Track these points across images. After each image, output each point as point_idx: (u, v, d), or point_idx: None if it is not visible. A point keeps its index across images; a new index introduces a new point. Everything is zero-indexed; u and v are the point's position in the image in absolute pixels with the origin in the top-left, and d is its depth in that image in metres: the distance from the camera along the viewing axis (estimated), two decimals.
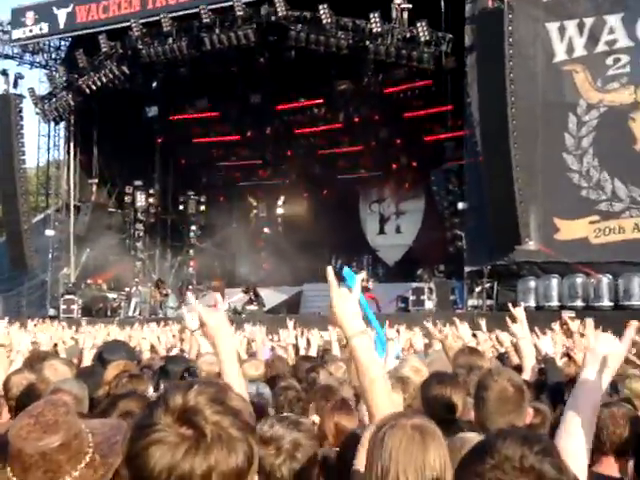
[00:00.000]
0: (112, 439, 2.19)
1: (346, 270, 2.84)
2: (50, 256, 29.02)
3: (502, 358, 7.14)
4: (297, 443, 2.74)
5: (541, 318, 16.58)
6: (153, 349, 9.06)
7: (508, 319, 6.03)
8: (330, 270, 2.74)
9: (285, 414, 3.23)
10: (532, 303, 20.51)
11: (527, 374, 5.19)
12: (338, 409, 3.82)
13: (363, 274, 24.83)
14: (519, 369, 5.63)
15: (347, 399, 4.13)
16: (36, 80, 30.20)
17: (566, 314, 17.00)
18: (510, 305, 6.09)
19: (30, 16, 28.01)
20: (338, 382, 5.15)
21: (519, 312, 5.66)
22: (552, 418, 4.09)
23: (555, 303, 20.24)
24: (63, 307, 26.98)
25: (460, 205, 22.86)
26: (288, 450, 2.71)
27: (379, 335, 5.48)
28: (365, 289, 24.42)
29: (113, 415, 3.37)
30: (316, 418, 4.01)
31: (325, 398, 4.22)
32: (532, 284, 20.75)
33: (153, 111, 30.21)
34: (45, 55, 29.83)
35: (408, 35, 22.54)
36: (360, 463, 2.49)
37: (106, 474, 2.14)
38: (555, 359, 5.87)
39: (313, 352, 8.87)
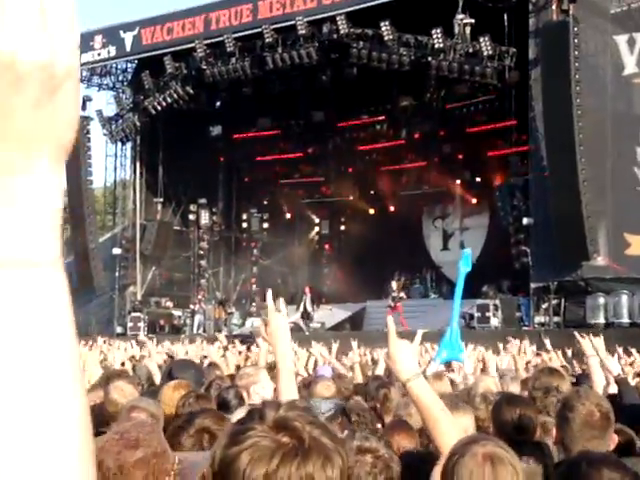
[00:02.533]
0: (200, 467, 2.18)
1: (466, 253, 3.10)
2: (117, 274, 29.51)
3: (579, 379, 6.95)
4: (391, 457, 2.86)
5: (611, 335, 16.24)
6: (218, 368, 9.08)
7: (577, 336, 5.89)
8: (390, 319, 3.01)
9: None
10: (601, 320, 20.10)
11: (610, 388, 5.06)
12: (398, 429, 3.78)
13: (394, 283, 24.74)
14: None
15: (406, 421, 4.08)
16: (103, 102, 30.89)
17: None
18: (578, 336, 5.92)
19: (98, 40, 28.67)
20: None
21: (587, 343, 5.57)
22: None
23: (626, 320, 19.77)
24: (130, 325, 27.40)
25: (525, 221, 22.55)
26: (385, 460, 2.80)
27: (451, 338, 5.40)
28: (394, 300, 24.30)
29: (190, 431, 3.37)
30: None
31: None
32: (601, 300, 20.31)
33: (217, 130, 30.59)
34: (112, 77, 30.49)
35: (471, 50, 22.41)
36: None
37: None
38: (627, 379, 5.71)
39: (380, 370, 8.77)
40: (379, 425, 4.70)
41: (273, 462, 1.48)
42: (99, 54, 28.69)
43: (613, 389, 5.12)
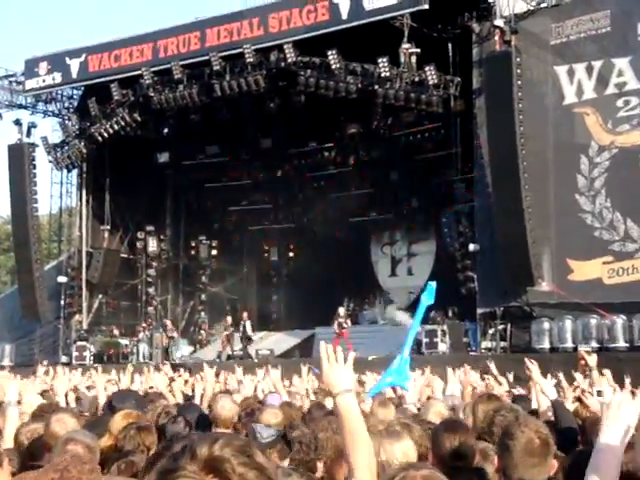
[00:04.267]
0: None
1: (431, 286, 3.19)
2: (62, 302, 29.04)
3: (516, 400, 7.03)
4: None
5: (555, 360, 16.47)
6: (164, 397, 8.98)
7: (527, 362, 5.97)
8: (323, 344, 3.06)
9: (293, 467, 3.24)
10: (546, 345, 20.38)
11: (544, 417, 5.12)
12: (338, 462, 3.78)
13: (341, 310, 24.82)
14: (534, 413, 5.55)
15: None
16: (49, 129, 30.54)
17: (583, 348, 16.86)
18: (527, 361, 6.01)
19: (43, 66, 28.38)
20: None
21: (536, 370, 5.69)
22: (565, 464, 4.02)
23: (570, 345, 20.06)
24: (75, 354, 26.96)
25: (471, 247, 22.80)
26: None
27: (401, 363, 5.42)
28: (340, 326, 24.37)
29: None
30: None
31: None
32: (546, 325, 20.60)
33: (164, 157, 30.43)
34: (58, 104, 30.18)
35: (417, 79, 22.71)
36: None
37: None
38: (564, 403, 5.81)
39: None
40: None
41: None
42: (44, 80, 28.37)
43: (548, 413, 5.20)
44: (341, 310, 25.17)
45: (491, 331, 21.61)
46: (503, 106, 20.45)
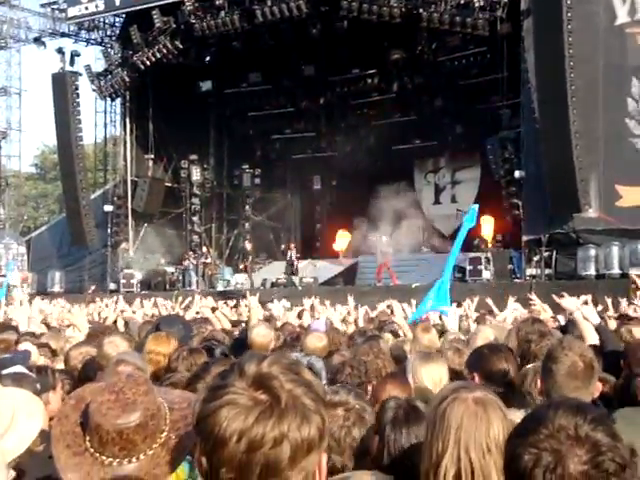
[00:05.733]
0: (190, 417, 2.19)
1: (472, 209, 3.06)
2: (109, 231, 29.47)
3: (567, 326, 7.01)
4: (363, 407, 2.81)
5: (601, 286, 16.37)
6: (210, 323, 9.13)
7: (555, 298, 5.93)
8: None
9: (342, 385, 3.27)
10: (592, 271, 20.22)
11: (592, 340, 5.12)
12: (390, 380, 3.80)
13: (384, 238, 24.80)
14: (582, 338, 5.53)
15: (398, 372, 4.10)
16: (92, 57, 30.56)
17: (634, 271, 16.73)
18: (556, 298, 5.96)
19: None
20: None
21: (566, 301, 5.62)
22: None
23: (616, 271, 19.87)
24: (123, 281, 27.45)
25: (517, 173, 22.53)
26: (358, 412, 2.76)
27: (441, 288, 5.44)
28: (383, 255, 24.36)
29: (207, 378, 3.41)
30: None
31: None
32: (592, 252, 20.40)
33: (207, 85, 30.30)
34: (100, 32, 30.09)
35: (462, 1, 22.17)
36: None
37: (180, 454, 2.14)
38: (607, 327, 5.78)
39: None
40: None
41: (248, 420, 1.48)
42: (86, 8, 28.22)
43: (595, 339, 5.18)
44: (384, 238, 25.17)
45: (536, 258, 21.46)
46: (551, 27, 19.85)
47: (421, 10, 22.49)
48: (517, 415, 2.30)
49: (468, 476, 2.11)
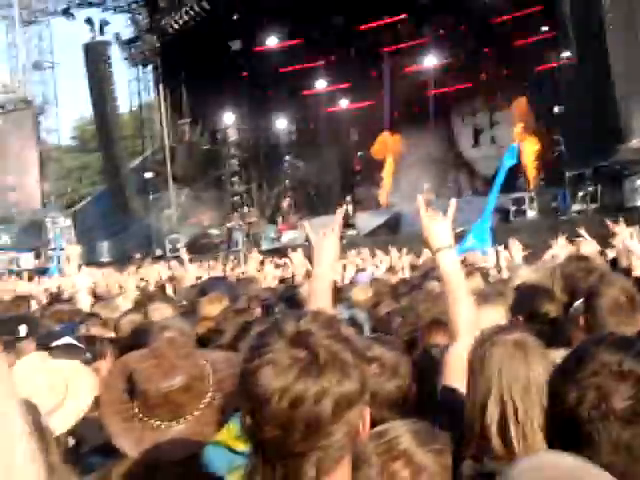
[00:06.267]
0: (234, 378, 2.23)
1: (512, 147, 3.08)
2: (151, 197, 29.71)
3: (613, 263, 6.93)
4: (397, 360, 2.79)
5: None
6: (256, 282, 9.20)
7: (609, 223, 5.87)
8: (420, 198, 3.00)
9: (376, 335, 3.26)
10: None
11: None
12: (434, 328, 3.79)
13: (426, 185, 24.49)
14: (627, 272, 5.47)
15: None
16: (121, 25, 30.54)
17: None
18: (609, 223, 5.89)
19: None
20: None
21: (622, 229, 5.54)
22: None
23: None
24: (169, 246, 27.72)
25: (556, 109, 22.13)
26: (392, 367, 2.75)
27: (482, 227, 5.39)
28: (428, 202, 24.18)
29: (247, 338, 3.46)
30: None
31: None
32: (639, 183, 20.01)
33: (236, 45, 30.13)
34: None
35: None
36: (446, 379, 2.59)
37: (227, 413, 2.18)
38: None
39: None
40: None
41: (289, 377, 1.51)
42: None
43: None
44: (425, 185, 25.00)
45: (581, 193, 21.13)
46: None
47: None
48: (558, 354, 2.29)
49: (512, 417, 2.11)
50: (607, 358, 1.68)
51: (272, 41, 30.30)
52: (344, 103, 31.94)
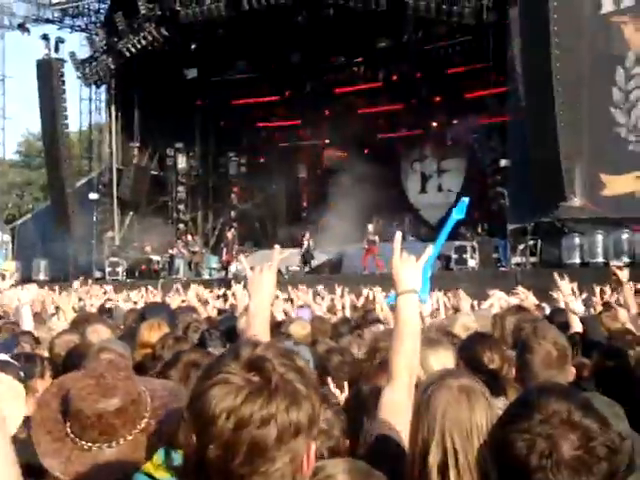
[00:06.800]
0: (170, 405, 2.20)
1: (462, 201, 3.07)
2: (95, 219, 29.33)
3: (551, 316, 7.05)
4: (332, 422, 2.77)
5: (586, 275, 16.43)
6: (196, 310, 9.12)
7: (556, 276, 5.99)
8: (398, 235, 2.90)
9: None
10: (577, 260, 20.32)
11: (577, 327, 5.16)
12: (381, 371, 3.79)
13: (370, 226, 24.75)
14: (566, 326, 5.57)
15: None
16: (77, 44, 30.32)
17: (614, 263, 16.81)
18: (556, 276, 6.03)
19: None
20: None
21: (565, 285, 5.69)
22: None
23: (600, 259, 19.99)
24: (108, 269, 27.36)
25: (502, 162, 22.60)
26: (327, 430, 2.71)
27: (423, 275, 5.42)
28: (369, 243, 24.42)
29: (178, 365, 3.44)
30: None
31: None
32: (577, 241, 20.50)
33: (192, 73, 30.13)
34: (85, 18, 29.88)
35: None
36: (380, 425, 2.56)
37: (159, 440, 2.15)
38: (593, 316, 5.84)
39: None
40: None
41: (238, 398, 1.52)
42: None
43: (578, 327, 5.22)
44: (370, 227, 25.18)
45: (521, 247, 21.54)
46: (537, 16, 19.86)
47: None
48: (496, 403, 2.31)
49: (452, 462, 2.12)
50: (556, 407, 1.71)
51: (229, 73, 30.39)
52: (296, 139, 32.13)
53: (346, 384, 3.90)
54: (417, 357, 2.74)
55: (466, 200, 4.66)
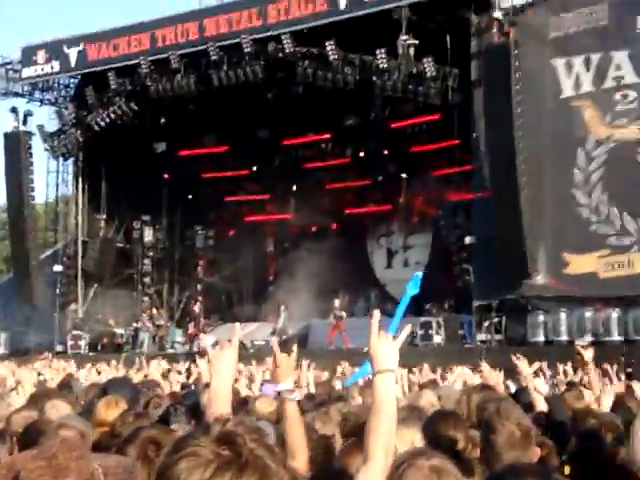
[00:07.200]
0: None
1: (416, 276, 3.09)
2: (58, 291, 29.01)
3: (516, 396, 7.05)
4: None
5: (550, 353, 16.50)
6: (159, 385, 8.98)
7: (513, 358, 6.03)
8: (376, 314, 2.92)
9: None
10: (541, 338, 20.41)
11: (542, 407, 5.16)
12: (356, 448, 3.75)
13: (336, 301, 24.76)
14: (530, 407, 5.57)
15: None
16: (45, 117, 30.45)
17: (579, 342, 16.90)
18: (514, 358, 6.09)
19: (41, 55, 28.32)
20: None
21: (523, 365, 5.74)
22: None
23: (564, 338, 20.09)
24: (70, 343, 26.96)
25: (467, 239, 22.82)
26: None
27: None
28: (336, 317, 24.39)
29: (136, 442, 3.37)
30: None
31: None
32: (541, 318, 20.62)
33: (161, 147, 30.36)
34: (55, 92, 30.08)
35: (415, 70, 22.67)
36: None
37: None
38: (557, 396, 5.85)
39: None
40: None
41: (207, 472, 1.50)
42: (42, 69, 28.33)
43: (543, 407, 5.22)
44: (336, 302, 25.18)
45: (486, 324, 21.62)
46: (501, 98, 20.41)
47: (375, 78, 22.95)
48: None
49: None
50: None
51: (197, 147, 30.64)
52: (263, 213, 32.28)
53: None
54: (393, 437, 2.69)
55: (420, 274, 4.71)
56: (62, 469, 2.05)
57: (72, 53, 27.80)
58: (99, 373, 10.40)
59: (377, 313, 2.92)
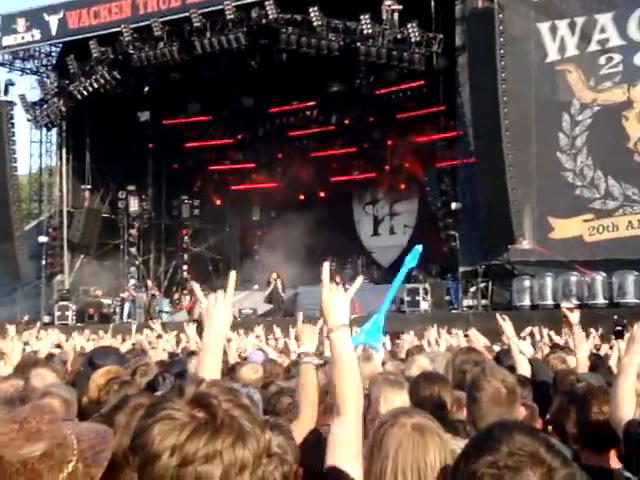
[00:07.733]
0: (97, 447, 2.14)
1: (415, 250, 3.11)
2: (44, 262, 28.91)
3: (499, 358, 7.10)
4: (284, 446, 2.72)
5: (536, 317, 16.64)
6: (146, 354, 9.00)
7: (498, 318, 6.06)
8: (325, 266, 2.83)
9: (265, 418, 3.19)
10: (527, 302, 20.55)
11: (524, 370, 5.21)
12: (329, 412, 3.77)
13: (326, 265, 24.99)
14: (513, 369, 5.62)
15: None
16: (27, 86, 30.17)
17: (565, 305, 17.01)
18: (499, 318, 6.11)
19: (21, 23, 27.93)
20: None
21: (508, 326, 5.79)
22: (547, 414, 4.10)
23: (550, 302, 20.24)
24: (57, 314, 26.92)
25: (453, 205, 22.86)
26: (279, 455, 2.67)
27: (375, 323, 5.45)
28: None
29: (126, 409, 3.37)
30: None
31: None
32: (527, 283, 20.76)
33: (145, 116, 30.12)
34: (36, 61, 29.73)
35: (399, 36, 22.53)
36: (330, 461, 2.47)
37: None
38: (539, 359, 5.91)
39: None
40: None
41: (182, 435, 1.50)
42: (22, 37, 27.96)
43: (527, 370, 5.27)
44: (326, 265, 25.16)
45: (472, 289, 21.74)
46: (485, 63, 20.35)
47: (359, 44, 22.78)
48: (456, 443, 2.31)
49: None
50: (524, 441, 1.72)
51: (181, 116, 30.44)
52: (248, 182, 32.20)
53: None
54: (361, 390, 2.66)
55: (419, 248, 4.69)
56: (34, 433, 2.04)
57: (52, 21, 27.42)
58: (82, 348, 10.42)
59: (326, 265, 2.86)
